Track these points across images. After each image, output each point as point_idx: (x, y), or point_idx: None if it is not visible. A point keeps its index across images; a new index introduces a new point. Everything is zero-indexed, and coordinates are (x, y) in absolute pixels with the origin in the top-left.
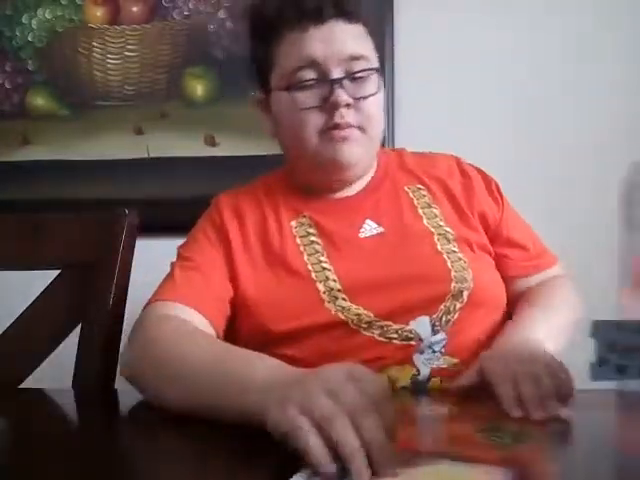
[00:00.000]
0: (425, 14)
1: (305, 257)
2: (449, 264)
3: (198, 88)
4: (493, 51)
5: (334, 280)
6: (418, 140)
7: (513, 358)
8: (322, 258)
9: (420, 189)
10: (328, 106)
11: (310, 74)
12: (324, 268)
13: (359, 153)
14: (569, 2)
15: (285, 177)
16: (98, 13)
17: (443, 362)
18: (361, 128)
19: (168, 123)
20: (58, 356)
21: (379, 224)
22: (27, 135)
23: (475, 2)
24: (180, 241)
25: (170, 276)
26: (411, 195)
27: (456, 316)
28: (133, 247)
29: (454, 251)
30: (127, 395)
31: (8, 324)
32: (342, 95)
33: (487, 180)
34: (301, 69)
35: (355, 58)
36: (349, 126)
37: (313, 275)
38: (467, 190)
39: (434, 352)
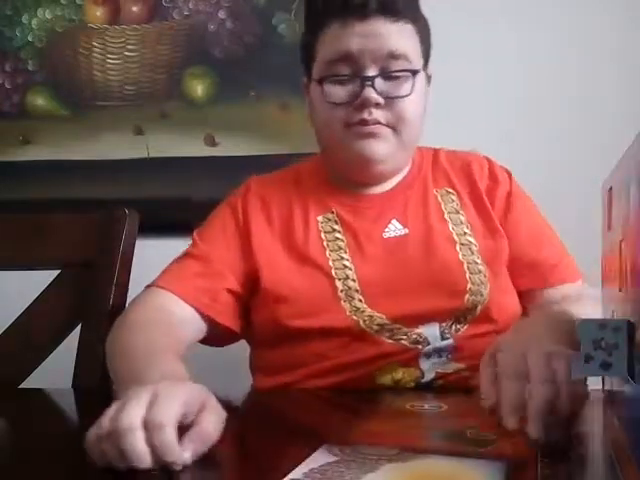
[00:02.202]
0: None
1: (327, 253)
2: (467, 275)
3: (198, 88)
4: (489, 50)
5: (353, 280)
6: None
7: (533, 351)
8: (344, 255)
9: (450, 193)
10: (357, 103)
11: (344, 69)
12: (345, 266)
13: (386, 150)
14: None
15: (317, 167)
16: (98, 13)
17: (450, 368)
18: (392, 127)
19: (168, 123)
20: (58, 356)
21: (404, 226)
22: (27, 135)
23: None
24: (180, 241)
25: (176, 261)
26: (439, 199)
27: (466, 326)
28: (133, 247)
29: (476, 262)
30: None
31: (8, 324)
32: (371, 93)
33: (513, 185)
34: (336, 62)
35: (394, 56)
36: (376, 123)
37: (333, 272)
38: (491, 194)
39: (441, 357)
